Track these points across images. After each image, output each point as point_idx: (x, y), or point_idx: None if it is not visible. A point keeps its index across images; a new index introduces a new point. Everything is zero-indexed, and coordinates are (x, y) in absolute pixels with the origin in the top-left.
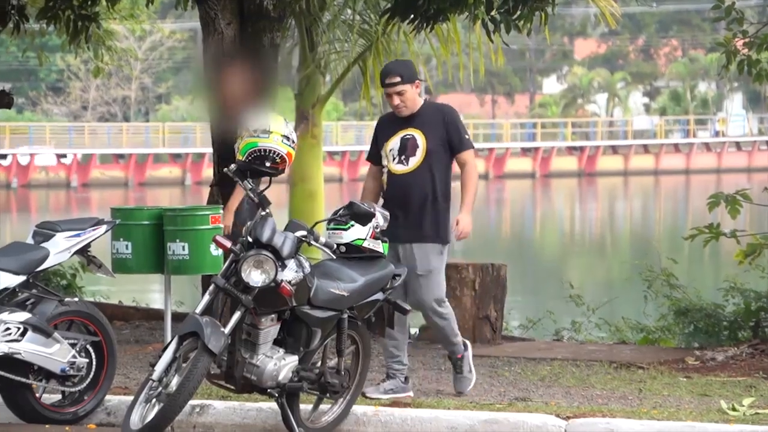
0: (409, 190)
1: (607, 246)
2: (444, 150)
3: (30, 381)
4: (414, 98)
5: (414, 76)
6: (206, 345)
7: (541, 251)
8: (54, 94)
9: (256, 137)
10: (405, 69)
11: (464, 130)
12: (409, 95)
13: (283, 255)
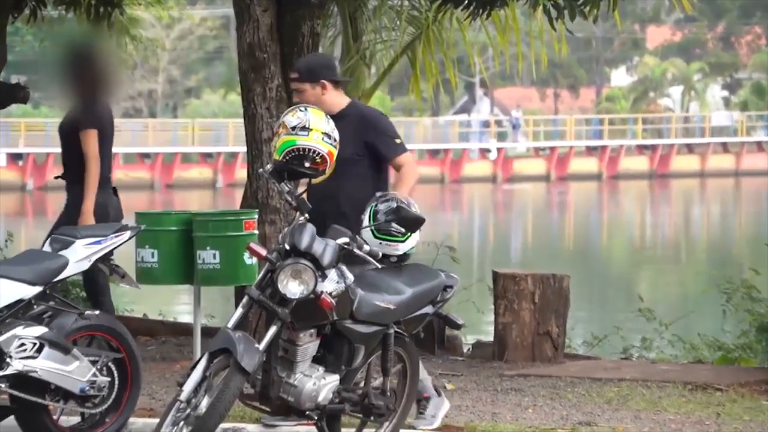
0: (320, 204)
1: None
2: (361, 160)
3: (46, 402)
4: (316, 100)
5: (315, 76)
6: (239, 363)
7: (608, 261)
8: None
9: (294, 135)
10: (307, 65)
11: (394, 134)
12: (309, 96)
13: (324, 264)
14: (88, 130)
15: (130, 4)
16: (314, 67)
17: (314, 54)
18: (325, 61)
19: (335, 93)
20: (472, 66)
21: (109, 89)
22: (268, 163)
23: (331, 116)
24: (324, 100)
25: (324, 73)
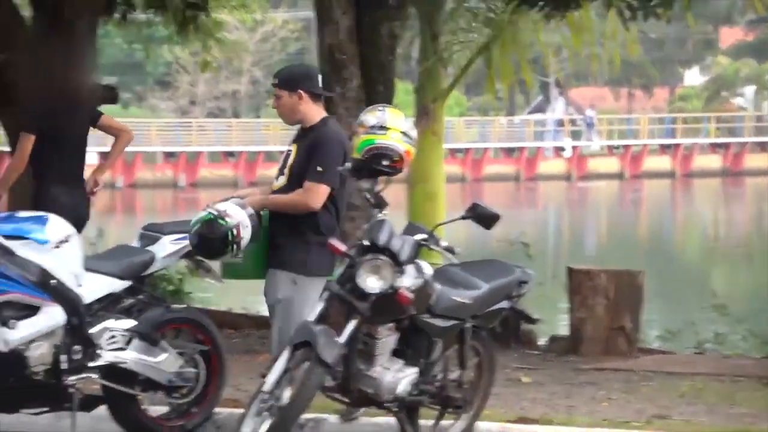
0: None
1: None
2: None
3: (135, 392)
4: (291, 108)
5: (293, 85)
6: (320, 356)
7: (681, 257)
8: (161, 89)
9: (372, 134)
10: (287, 73)
11: (325, 163)
12: (285, 102)
13: (402, 260)
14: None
15: (215, 8)
16: (294, 77)
17: (299, 64)
18: (307, 72)
19: (312, 105)
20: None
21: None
22: (348, 161)
23: (303, 128)
24: (299, 110)
25: (303, 84)
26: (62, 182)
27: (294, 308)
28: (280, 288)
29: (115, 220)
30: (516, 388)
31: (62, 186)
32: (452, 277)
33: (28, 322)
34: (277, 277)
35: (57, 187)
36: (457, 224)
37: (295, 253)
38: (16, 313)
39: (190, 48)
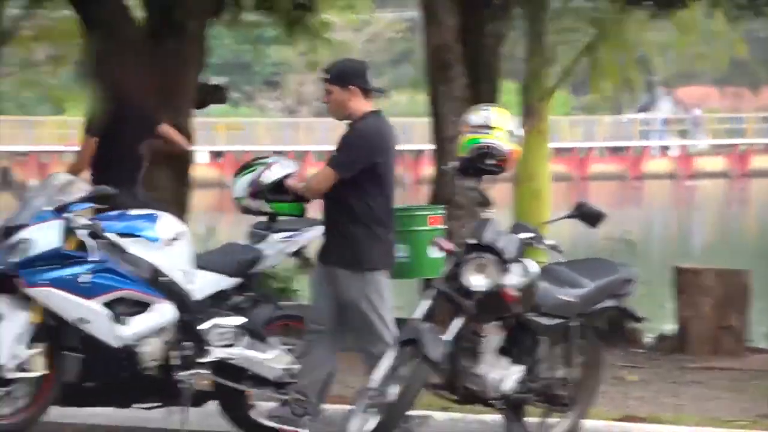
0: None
1: None
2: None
3: (244, 388)
4: (341, 104)
5: (345, 80)
6: (426, 353)
7: None
8: (269, 89)
9: (478, 133)
10: (338, 68)
11: (341, 150)
12: (335, 97)
13: (507, 258)
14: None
15: (322, 9)
16: (346, 72)
17: (350, 59)
18: (358, 68)
19: (362, 101)
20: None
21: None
22: (454, 160)
23: (349, 118)
24: (348, 106)
25: (354, 79)
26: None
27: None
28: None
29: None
30: (622, 386)
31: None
32: (558, 275)
33: (140, 318)
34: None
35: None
36: (562, 223)
37: (352, 249)
38: (128, 309)
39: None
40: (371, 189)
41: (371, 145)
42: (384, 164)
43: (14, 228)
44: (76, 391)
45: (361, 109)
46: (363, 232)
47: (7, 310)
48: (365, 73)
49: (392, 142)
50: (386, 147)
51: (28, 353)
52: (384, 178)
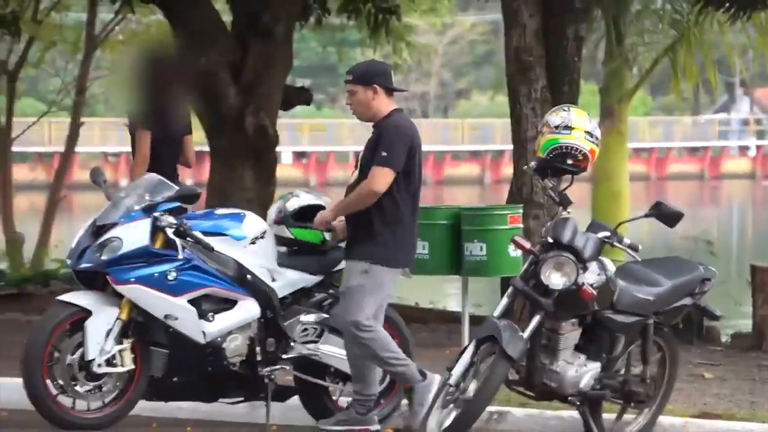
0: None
1: None
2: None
3: (327, 383)
4: (365, 103)
5: (368, 79)
6: (504, 350)
7: None
8: None
9: (557, 134)
10: (361, 68)
11: (389, 147)
12: (360, 98)
13: (585, 257)
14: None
15: (406, 12)
16: (369, 72)
17: (372, 60)
18: (381, 68)
19: (386, 100)
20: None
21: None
22: (533, 160)
23: (374, 125)
24: (372, 105)
25: (377, 79)
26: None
27: (365, 295)
28: (352, 277)
29: None
30: (699, 383)
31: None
32: (635, 274)
33: (225, 315)
34: (350, 267)
35: None
36: (640, 222)
37: (366, 244)
38: (214, 306)
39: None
40: (401, 185)
41: (409, 139)
42: (412, 160)
43: (104, 226)
44: (163, 385)
45: (386, 107)
46: (388, 231)
47: (96, 307)
48: (388, 72)
49: (419, 139)
50: (417, 143)
51: (116, 349)
52: (412, 175)
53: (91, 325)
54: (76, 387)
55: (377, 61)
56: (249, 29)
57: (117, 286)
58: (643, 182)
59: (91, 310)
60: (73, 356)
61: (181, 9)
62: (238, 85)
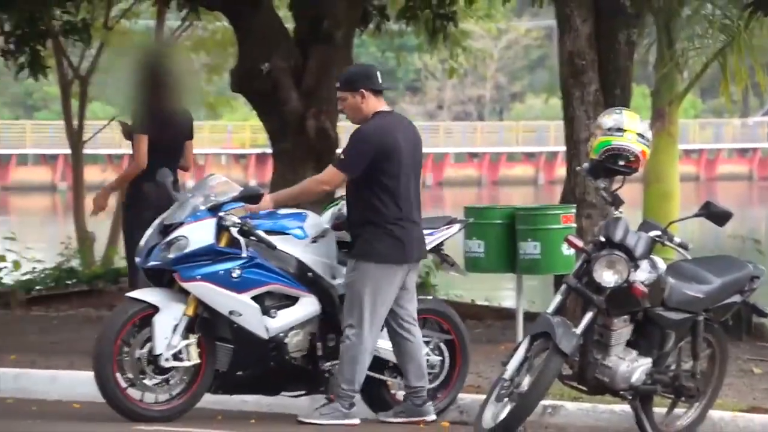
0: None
1: None
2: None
3: (385, 377)
4: (356, 108)
5: (355, 85)
6: (558, 346)
7: None
8: (411, 94)
9: (609, 135)
10: (347, 75)
11: (346, 151)
12: (350, 103)
13: (636, 255)
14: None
15: (463, 18)
16: (354, 78)
17: (356, 65)
18: (365, 71)
19: (374, 101)
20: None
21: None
22: (586, 161)
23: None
24: (362, 108)
25: (363, 83)
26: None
27: (354, 291)
28: (347, 273)
29: None
30: (748, 378)
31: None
32: (685, 272)
33: (288, 311)
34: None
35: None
36: (690, 221)
37: (359, 242)
38: (277, 303)
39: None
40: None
41: (373, 145)
42: (390, 162)
43: (172, 226)
44: (228, 379)
45: (374, 109)
46: (371, 228)
47: (164, 303)
48: (373, 74)
49: (400, 140)
50: (392, 144)
51: (183, 343)
52: (391, 174)
53: (159, 321)
54: (145, 380)
55: (362, 66)
56: (310, 35)
57: (183, 283)
58: (693, 183)
59: (159, 307)
60: (142, 351)
61: (246, 16)
62: (300, 89)
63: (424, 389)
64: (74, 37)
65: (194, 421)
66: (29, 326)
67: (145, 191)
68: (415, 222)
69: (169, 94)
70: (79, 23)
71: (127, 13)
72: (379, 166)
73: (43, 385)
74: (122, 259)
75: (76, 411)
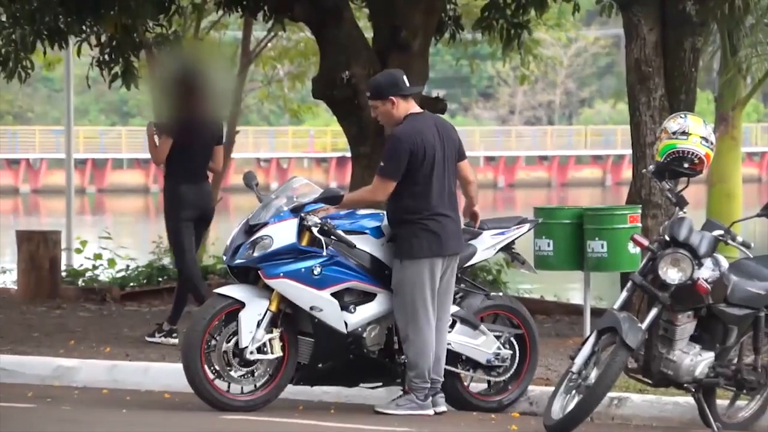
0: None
1: None
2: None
3: (459, 370)
4: (388, 114)
5: (383, 93)
6: (624, 340)
7: None
8: (484, 100)
9: (674, 139)
10: (375, 85)
11: (386, 158)
12: (381, 111)
13: (700, 254)
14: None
15: (534, 27)
16: (382, 86)
17: (382, 73)
18: (392, 79)
19: (404, 105)
20: None
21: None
22: (652, 164)
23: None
24: (394, 114)
25: (391, 90)
26: (189, 181)
27: (402, 290)
28: (394, 275)
29: None
30: None
31: (189, 184)
32: (747, 269)
33: (365, 307)
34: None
35: (185, 185)
36: (752, 221)
37: (398, 242)
38: (355, 299)
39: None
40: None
41: (408, 146)
42: (422, 160)
43: (256, 226)
44: (309, 371)
45: (404, 113)
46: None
47: (249, 299)
48: (400, 81)
49: (430, 137)
50: (422, 143)
51: (267, 337)
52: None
53: (244, 316)
54: (231, 372)
55: (388, 73)
56: (389, 44)
57: (267, 280)
58: (755, 184)
59: (244, 302)
60: (228, 344)
61: (328, 27)
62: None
63: (438, 383)
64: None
65: (277, 411)
66: (123, 321)
67: (181, 192)
68: (448, 216)
69: (200, 103)
70: (171, 35)
71: (216, 25)
72: (411, 165)
73: (136, 376)
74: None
75: (166, 401)
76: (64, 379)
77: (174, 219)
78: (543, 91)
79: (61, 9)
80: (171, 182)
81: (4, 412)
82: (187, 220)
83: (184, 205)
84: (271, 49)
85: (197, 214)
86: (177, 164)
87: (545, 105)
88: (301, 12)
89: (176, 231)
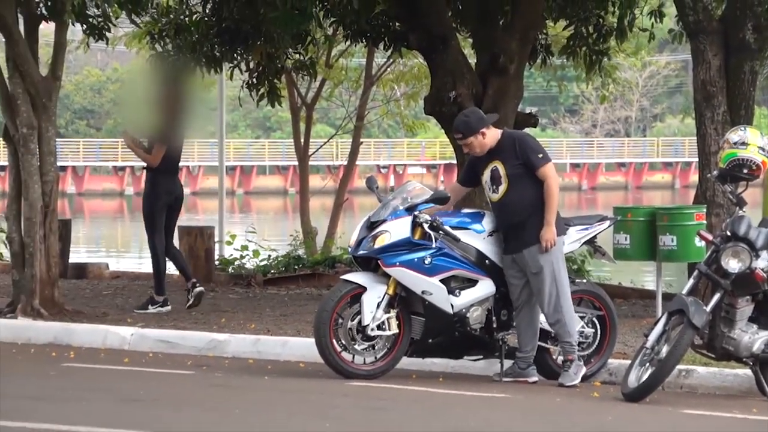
0: (504, 212)
1: None
2: (524, 171)
3: (548, 345)
4: (482, 144)
5: (473, 130)
6: (691, 320)
7: None
8: (570, 116)
9: (735, 148)
10: (464, 126)
11: (537, 149)
12: (476, 143)
13: (757, 247)
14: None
15: (614, 54)
16: (472, 125)
17: (464, 113)
18: (477, 116)
19: (493, 131)
20: None
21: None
22: (715, 170)
23: (492, 149)
24: (485, 143)
25: (480, 125)
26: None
27: (546, 272)
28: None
29: None
30: None
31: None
32: None
33: (469, 291)
34: (533, 252)
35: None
36: None
37: (529, 231)
38: (460, 284)
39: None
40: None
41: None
42: None
43: (377, 222)
44: (421, 346)
45: (497, 134)
46: (539, 214)
47: (370, 284)
48: (483, 115)
49: None
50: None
51: (385, 316)
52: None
53: (367, 298)
54: (355, 345)
55: (471, 112)
56: (489, 68)
57: (386, 268)
58: None
59: (366, 287)
60: (353, 322)
61: (437, 53)
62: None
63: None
64: (303, 73)
65: (394, 379)
66: (265, 302)
67: (159, 182)
68: None
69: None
70: (307, 61)
71: (344, 53)
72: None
73: (276, 349)
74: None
75: (301, 369)
76: (216, 350)
77: (152, 204)
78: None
79: (216, 40)
80: (153, 175)
81: (169, 377)
82: (163, 205)
83: (160, 192)
84: (390, 73)
85: (171, 200)
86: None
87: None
88: (415, 41)
89: (152, 214)
